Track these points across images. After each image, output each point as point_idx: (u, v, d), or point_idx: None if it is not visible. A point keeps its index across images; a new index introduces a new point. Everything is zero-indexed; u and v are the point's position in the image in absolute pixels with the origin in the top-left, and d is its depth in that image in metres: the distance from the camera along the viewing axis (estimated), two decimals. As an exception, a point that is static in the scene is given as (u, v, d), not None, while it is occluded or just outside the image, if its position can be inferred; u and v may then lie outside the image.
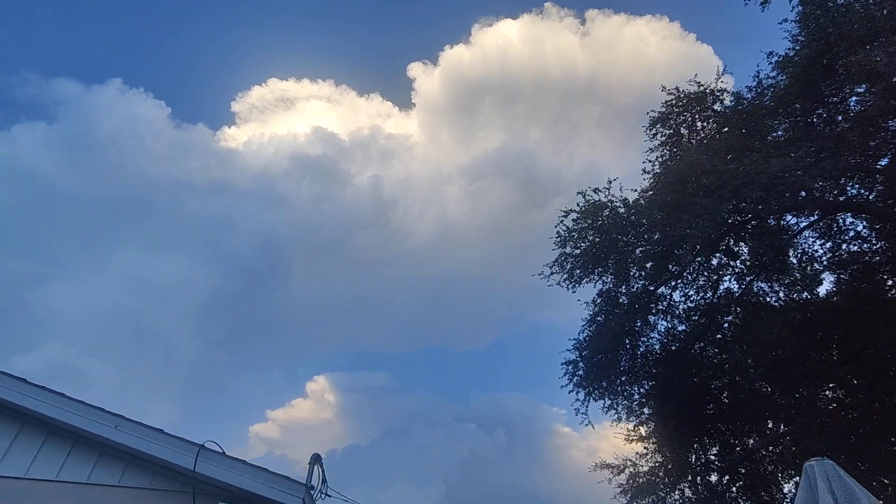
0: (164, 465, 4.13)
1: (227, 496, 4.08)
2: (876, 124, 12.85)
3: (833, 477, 3.77)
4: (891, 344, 10.90)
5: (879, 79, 8.63)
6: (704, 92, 13.12)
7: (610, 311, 13.09)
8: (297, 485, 4.04)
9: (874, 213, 12.13)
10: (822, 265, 14.87)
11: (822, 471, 3.85)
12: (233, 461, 4.10)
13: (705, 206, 9.30)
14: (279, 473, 4.06)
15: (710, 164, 9.81)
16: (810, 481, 3.84)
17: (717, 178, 9.47)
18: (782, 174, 8.75)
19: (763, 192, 8.82)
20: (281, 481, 4.03)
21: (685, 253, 9.58)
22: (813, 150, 9.68)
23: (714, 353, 15.59)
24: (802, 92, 10.34)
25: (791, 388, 14.53)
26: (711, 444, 16.20)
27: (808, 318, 13.05)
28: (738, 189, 9.01)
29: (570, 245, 13.16)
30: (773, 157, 9.18)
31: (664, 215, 10.24)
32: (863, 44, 8.96)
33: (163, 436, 4.09)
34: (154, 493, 4.12)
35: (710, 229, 9.25)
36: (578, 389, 13.06)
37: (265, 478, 4.03)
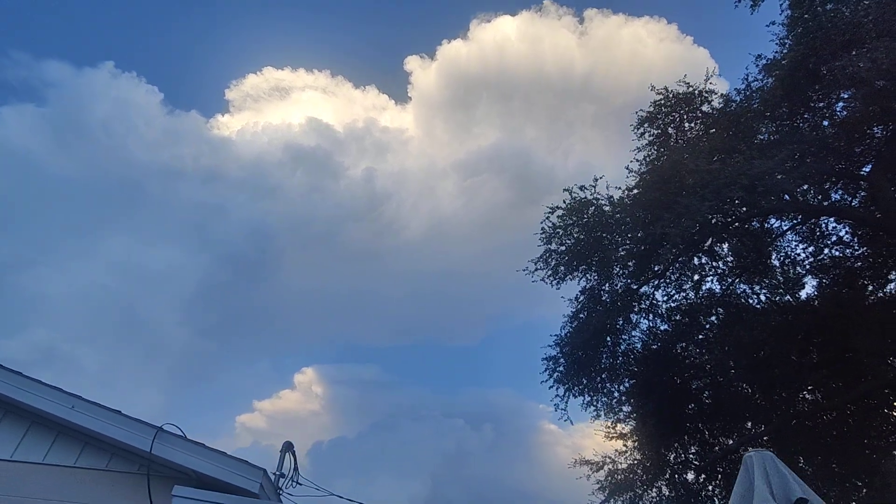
0: (122, 447, 4.10)
1: (184, 479, 4.05)
2: (861, 130, 12.97)
3: (770, 468, 3.81)
4: (867, 348, 11.01)
5: (861, 85, 8.67)
6: (693, 93, 13.16)
7: (592, 308, 13.14)
8: (255, 469, 4.02)
9: (855, 218, 12.22)
10: (804, 269, 15.00)
11: (759, 462, 3.89)
12: (191, 444, 4.07)
13: (687, 205, 9.33)
14: (238, 457, 4.04)
15: (693, 164, 9.84)
16: (748, 472, 3.88)
17: (699, 178, 9.50)
18: (763, 176, 8.79)
19: (744, 193, 8.86)
20: (240, 465, 4.01)
21: (666, 251, 9.60)
22: (796, 154, 9.72)
23: (695, 353, 15.71)
24: (787, 95, 10.39)
25: (770, 389, 14.68)
26: (691, 443, 16.32)
27: (788, 320, 13.15)
28: (720, 190, 9.05)
29: (555, 242, 13.19)
30: (755, 159, 9.21)
31: (647, 214, 10.28)
32: (847, 49, 9.00)
33: (120, 417, 4.06)
34: (111, 475, 4.09)
35: (690, 228, 9.28)
36: (558, 385, 13.12)
37: (224, 462, 4.00)
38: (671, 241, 9.31)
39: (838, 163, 13.39)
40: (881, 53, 8.13)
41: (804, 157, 13.73)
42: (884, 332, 10.86)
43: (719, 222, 10.81)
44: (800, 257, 14.62)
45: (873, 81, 8.48)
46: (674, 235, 9.23)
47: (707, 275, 13.65)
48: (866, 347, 11.00)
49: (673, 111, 13.45)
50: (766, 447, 15.61)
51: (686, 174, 9.87)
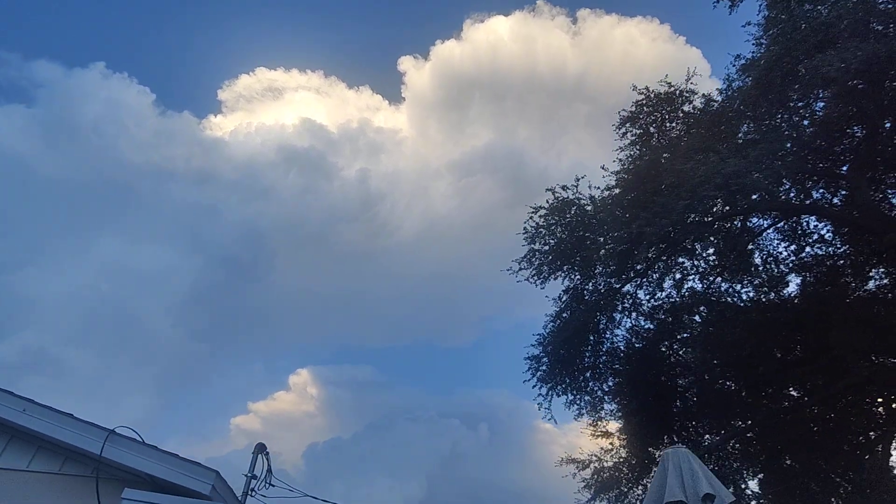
0: (75, 450, 4.12)
1: (139, 482, 4.07)
2: (841, 129, 13.06)
3: (684, 464, 3.87)
4: (846, 345, 11.08)
5: (832, 84, 8.73)
6: (674, 93, 13.22)
7: (575, 307, 13.20)
8: (208, 471, 4.04)
9: (833, 217, 12.31)
10: (787, 267, 15.09)
11: (674, 458, 3.95)
12: (143, 447, 4.10)
13: (663, 204, 9.39)
14: (190, 459, 4.06)
15: (670, 163, 9.90)
16: (664, 468, 3.93)
17: (675, 177, 9.56)
18: (737, 175, 8.85)
19: (717, 191, 8.93)
20: (192, 467, 4.03)
21: (643, 250, 9.66)
22: (779, 153, 9.79)
23: (680, 351, 15.80)
24: (763, 95, 10.45)
25: (755, 386, 14.78)
26: (679, 440, 16.42)
27: (769, 318, 13.23)
28: (695, 189, 9.10)
29: (539, 242, 13.24)
30: (729, 158, 9.27)
31: (625, 213, 10.33)
32: (821, 49, 9.06)
33: (72, 420, 4.08)
34: (65, 478, 4.11)
35: (666, 227, 9.33)
36: (541, 384, 13.17)
37: (175, 464, 4.03)
38: (647, 239, 9.37)
39: (820, 162, 13.49)
40: (850, 54, 8.19)
41: (786, 157, 13.84)
42: (862, 329, 10.93)
43: (697, 221, 10.85)
44: (782, 255, 14.74)
45: (843, 81, 8.54)
46: (650, 234, 9.29)
47: (689, 274, 13.71)
48: (845, 344, 11.08)
49: (655, 111, 13.51)
50: (752, 443, 15.74)
51: (663, 173, 9.93)
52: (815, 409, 14.30)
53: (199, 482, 3.97)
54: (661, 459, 4.07)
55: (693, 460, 3.87)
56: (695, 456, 3.95)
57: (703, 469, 3.82)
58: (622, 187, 11.35)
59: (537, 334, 13.32)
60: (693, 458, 3.91)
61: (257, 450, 7.55)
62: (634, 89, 13.43)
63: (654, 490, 3.87)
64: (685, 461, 3.85)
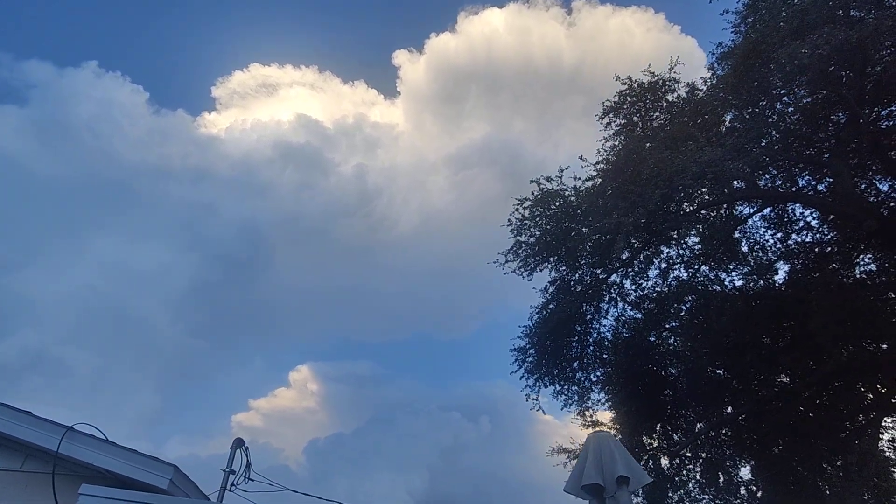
0: (36, 448, 4.20)
1: (99, 478, 4.15)
2: (825, 116, 13.06)
3: (603, 447, 3.95)
4: (824, 332, 11.11)
5: (807, 71, 8.74)
6: (656, 83, 13.21)
7: (562, 298, 13.25)
8: (166, 466, 4.12)
9: (814, 204, 12.33)
10: (775, 254, 15.13)
11: (595, 442, 4.04)
12: (102, 443, 4.18)
13: (640, 194, 9.42)
14: (148, 455, 4.14)
15: (649, 153, 9.92)
16: (586, 451, 4.02)
17: (652, 167, 9.59)
18: (713, 164, 8.87)
19: (693, 180, 8.95)
20: (150, 462, 4.11)
21: (620, 241, 9.69)
22: (749, 141, 9.80)
23: (669, 340, 15.87)
24: (741, 83, 10.44)
25: (744, 373, 14.85)
26: (672, 429, 16.52)
27: (755, 306, 13.29)
28: (671, 178, 9.13)
29: (525, 233, 13.28)
30: (706, 146, 9.29)
31: (604, 204, 10.37)
32: (796, 37, 9.06)
33: (30, 417, 4.16)
34: (27, 475, 4.19)
35: (642, 217, 9.37)
36: (528, 375, 13.25)
37: (134, 459, 4.11)
38: (624, 230, 9.41)
39: (805, 148, 13.51)
40: (822, 40, 8.20)
41: (771, 144, 13.86)
42: (841, 315, 10.97)
43: (680, 210, 10.89)
44: (769, 243, 14.78)
45: (815, 68, 8.55)
46: (626, 225, 9.32)
47: (675, 263, 13.76)
48: (825, 331, 11.12)
49: (638, 101, 13.50)
50: (743, 429, 15.80)
51: (642, 163, 9.95)
52: (805, 394, 14.37)
53: (158, 476, 4.05)
54: (584, 444, 4.15)
55: (613, 444, 3.94)
56: (616, 440, 4.02)
57: (621, 453, 3.89)
58: (602, 178, 11.37)
59: (523, 326, 13.39)
60: (614, 442, 3.98)
61: (235, 445, 7.66)
62: (617, 79, 13.43)
63: (574, 474, 3.95)
64: (605, 445, 3.93)
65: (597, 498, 3.72)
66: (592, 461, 3.79)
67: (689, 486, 15.26)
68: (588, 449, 3.95)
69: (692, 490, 15.20)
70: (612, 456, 3.77)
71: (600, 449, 3.89)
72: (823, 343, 10.96)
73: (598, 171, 11.38)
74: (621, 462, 3.73)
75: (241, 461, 7.47)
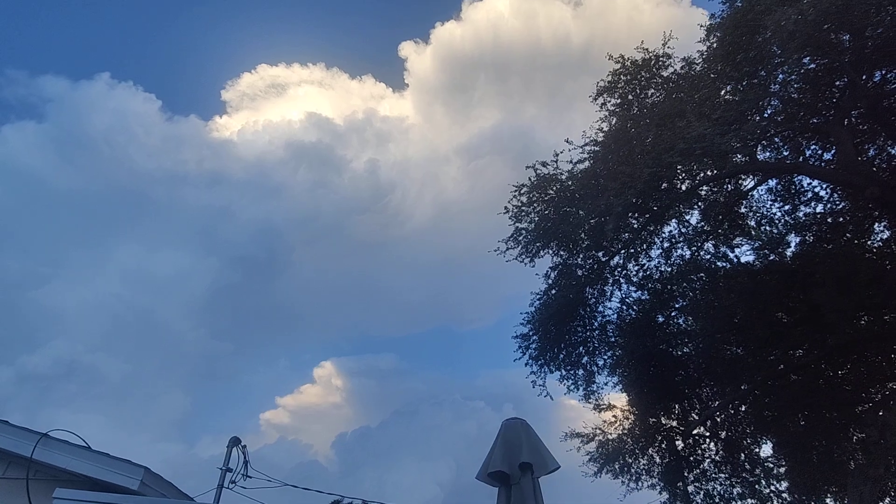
0: (14, 455, 4.38)
1: (76, 482, 4.31)
2: (828, 83, 12.69)
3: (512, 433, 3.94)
4: (835, 302, 10.84)
5: (790, 38, 8.49)
6: (650, 59, 12.95)
7: (564, 283, 13.17)
8: (136, 467, 4.27)
9: (816, 174, 12.01)
10: (785, 227, 14.81)
11: (505, 428, 4.04)
12: (75, 448, 4.34)
13: (630, 174, 9.30)
14: (120, 458, 4.29)
15: (636, 132, 9.77)
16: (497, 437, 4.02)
17: (641, 146, 9.44)
18: (701, 139, 8.69)
19: (681, 157, 8.79)
20: (121, 465, 4.26)
21: (611, 221, 9.58)
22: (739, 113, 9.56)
23: (679, 320, 15.67)
24: (729, 54, 10.20)
25: (757, 349, 14.60)
26: (687, 409, 16.36)
27: (763, 280, 13.03)
28: (660, 155, 8.98)
29: (524, 220, 13.20)
30: (694, 122, 9.11)
31: (596, 186, 10.25)
32: (781, 3, 8.80)
33: (6, 426, 4.34)
34: (9, 482, 4.38)
35: (632, 197, 9.25)
36: (532, 362, 13.23)
37: (106, 463, 4.26)
38: (615, 212, 9.30)
39: (809, 117, 13.16)
40: (807, 5, 7.96)
41: (776, 115, 13.52)
42: (853, 286, 10.70)
43: (673, 189, 10.70)
44: (776, 216, 14.46)
45: (800, 35, 8.30)
46: (616, 206, 9.21)
47: (678, 242, 13.56)
48: (836, 302, 10.85)
49: (633, 79, 13.26)
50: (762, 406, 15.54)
51: (630, 143, 9.81)
52: (820, 366, 14.08)
53: (128, 478, 4.19)
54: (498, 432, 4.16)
55: (523, 431, 3.93)
56: (527, 427, 4.01)
57: (529, 439, 3.88)
58: (593, 160, 11.23)
59: (525, 313, 13.35)
60: (525, 428, 3.98)
61: (231, 443, 7.84)
62: (610, 58, 13.20)
63: (485, 462, 3.96)
64: (514, 432, 3.93)
65: (504, 485, 3.74)
66: (500, 448, 3.81)
67: (705, 465, 15.13)
68: (498, 436, 3.96)
69: (707, 469, 15.07)
70: (520, 442, 3.78)
71: (509, 436, 3.91)
72: (833, 315, 10.70)
73: (590, 154, 11.24)
74: (526, 449, 3.73)
75: (237, 459, 7.65)
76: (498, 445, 3.84)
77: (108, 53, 42.16)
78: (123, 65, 41.32)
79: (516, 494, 3.52)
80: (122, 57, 42.28)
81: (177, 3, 38.82)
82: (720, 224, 13.41)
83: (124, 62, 41.47)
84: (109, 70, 37.28)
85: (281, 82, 44.12)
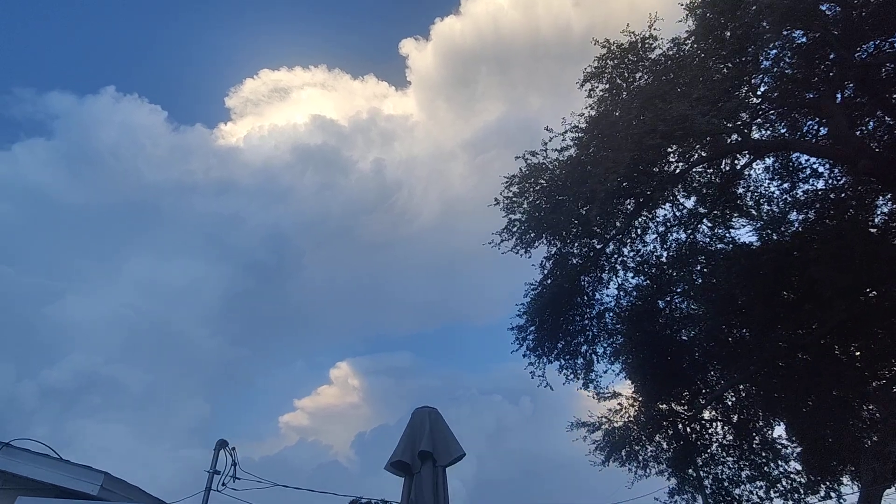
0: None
1: (37, 490, 4.37)
2: (823, 57, 12.41)
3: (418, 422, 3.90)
4: (836, 279, 10.60)
5: (774, 10, 8.29)
6: (636, 42, 12.73)
7: (559, 272, 13.05)
8: (96, 473, 4.32)
9: (807, 150, 11.76)
10: (787, 206, 14.53)
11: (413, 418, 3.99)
12: (37, 456, 4.40)
13: (613, 159, 9.17)
14: (80, 464, 4.34)
15: (617, 116, 9.62)
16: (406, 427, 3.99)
17: (623, 130, 9.30)
18: (682, 120, 8.54)
19: (662, 139, 8.65)
20: (81, 471, 4.31)
21: (594, 208, 9.46)
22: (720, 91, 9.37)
23: (682, 304, 15.46)
24: (708, 31, 10.00)
25: (760, 330, 14.36)
26: (694, 393, 16.15)
27: (761, 261, 12.78)
28: (641, 138, 8.84)
29: (517, 211, 13.10)
30: (674, 102, 8.95)
31: (581, 172, 10.13)
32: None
33: (-33, 438, 4.41)
34: (-26, 492, 4.46)
35: (615, 183, 9.11)
36: (530, 353, 13.13)
37: (66, 469, 4.31)
38: (598, 197, 9.18)
39: (803, 92, 12.88)
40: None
41: (770, 92, 13.24)
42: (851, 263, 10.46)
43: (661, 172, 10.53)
44: (775, 194, 14.18)
45: (782, 6, 8.10)
46: (600, 192, 9.09)
47: (672, 225, 13.35)
48: (836, 279, 10.61)
49: (620, 63, 13.06)
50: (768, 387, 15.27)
51: (612, 127, 9.67)
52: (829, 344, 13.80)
53: (88, 484, 4.24)
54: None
55: (428, 419, 3.89)
56: (436, 415, 3.96)
57: (435, 428, 3.83)
58: (578, 146, 11.08)
59: (519, 304, 13.25)
60: (432, 417, 3.92)
61: (218, 446, 7.91)
62: (595, 43, 13.02)
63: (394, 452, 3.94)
64: (419, 421, 3.89)
65: (408, 475, 3.70)
66: (405, 438, 3.78)
67: (713, 449, 14.96)
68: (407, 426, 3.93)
69: (716, 453, 14.89)
70: (423, 431, 3.74)
71: (414, 425, 3.87)
72: (830, 292, 10.47)
73: (574, 141, 11.10)
74: (428, 437, 3.68)
75: (226, 461, 7.72)
76: (404, 435, 3.81)
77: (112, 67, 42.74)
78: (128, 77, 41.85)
79: (417, 484, 3.49)
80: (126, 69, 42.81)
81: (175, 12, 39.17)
82: (716, 205, 13.17)
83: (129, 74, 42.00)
84: (114, 83, 37.79)
85: (284, 86, 44.33)
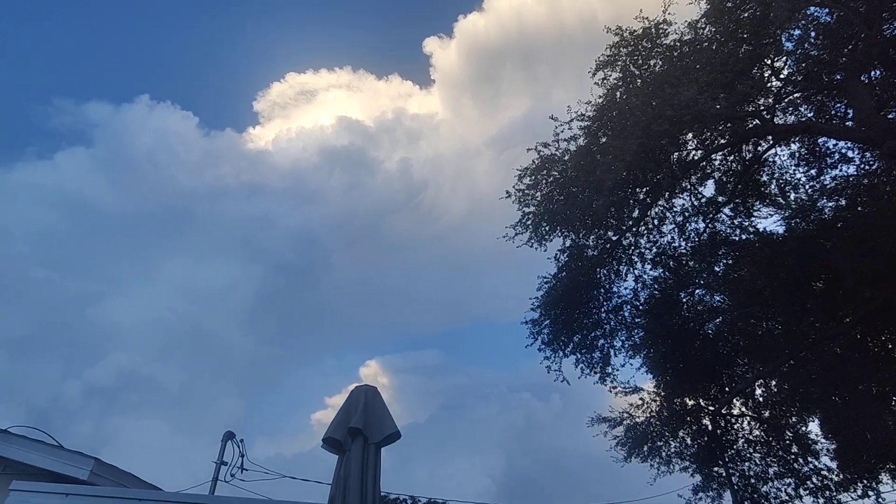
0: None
1: (32, 475, 4.55)
2: (849, 37, 11.91)
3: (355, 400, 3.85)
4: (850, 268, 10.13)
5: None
6: (650, 28, 12.43)
7: (575, 265, 12.85)
8: (87, 459, 4.46)
9: (832, 133, 11.29)
10: (814, 192, 14.00)
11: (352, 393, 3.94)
12: (32, 442, 4.57)
13: (620, 146, 8.99)
14: (72, 450, 4.50)
15: (629, 102, 9.42)
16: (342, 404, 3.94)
17: (631, 117, 9.10)
18: (689, 105, 8.30)
19: (669, 125, 8.42)
20: (73, 457, 4.46)
21: (601, 198, 9.28)
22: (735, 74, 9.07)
23: (705, 297, 15.04)
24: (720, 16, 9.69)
25: (789, 322, 13.89)
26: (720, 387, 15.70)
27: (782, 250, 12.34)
28: (648, 126, 8.63)
29: (530, 204, 12.95)
30: (683, 86, 8.70)
31: (590, 162, 9.95)
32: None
33: (-32, 425, 4.62)
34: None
35: (622, 171, 8.92)
36: (545, 348, 12.97)
37: (59, 455, 4.47)
38: (606, 186, 9.01)
39: (829, 74, 12.41)
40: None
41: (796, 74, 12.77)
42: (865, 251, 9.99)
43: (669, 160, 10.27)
44: (801, 181, 13.66)
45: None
46: (606, 181, 8.92)
47: (691, 215, 13.01)
48: (850, 269, 10.17)
49: (634, 50, 12.77)
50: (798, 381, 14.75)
51: (620, 115, 9.48)
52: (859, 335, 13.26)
53: (79, 469, 4.39)
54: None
55: (364, 396, 3.83)
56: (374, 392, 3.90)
57: (371, 405, 3.77)
58: (587, 136, 10.88)
59: (533, 298, 13.09)
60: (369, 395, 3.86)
61: (225, 438, 8.07)
62: (608, 31, 12.76)
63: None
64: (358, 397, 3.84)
65: (340, 452, 3.67)
66: (340, 415, 3.75)
67: (739, 444, 14.52)
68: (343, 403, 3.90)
69: (742, 449, 14.46)
70: (357, 408, 3.71)
71: (350, 402, 3.84)
72: (853, 281, 10.03)
73: (582, 130, 10.91)
74: (360, 415, 3.64)
75: (233, 453, 7.87)
76: (339, 412, 3.80)
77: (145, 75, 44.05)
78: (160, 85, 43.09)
79: (347, 461, 3.47)
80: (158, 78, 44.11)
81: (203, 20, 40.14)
82: (736, 193, 12.77)
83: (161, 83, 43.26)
84: (148, 91, 38.99)
85: (310, 88, 44.92)
